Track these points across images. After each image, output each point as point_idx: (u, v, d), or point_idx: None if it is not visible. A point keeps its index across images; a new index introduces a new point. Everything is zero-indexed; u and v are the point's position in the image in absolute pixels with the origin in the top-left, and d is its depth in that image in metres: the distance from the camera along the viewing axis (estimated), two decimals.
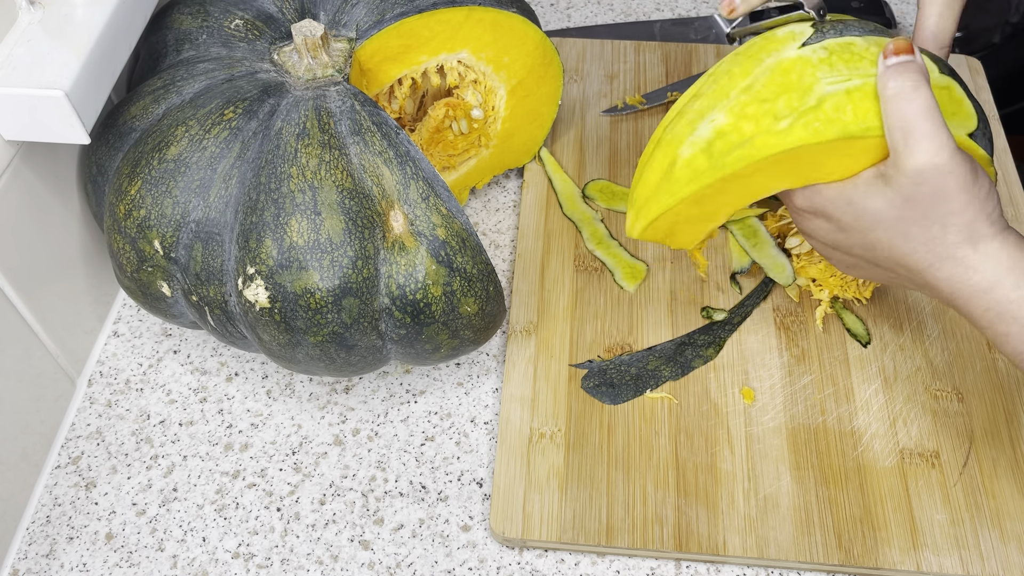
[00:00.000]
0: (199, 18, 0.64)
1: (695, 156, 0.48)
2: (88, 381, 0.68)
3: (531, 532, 0.58)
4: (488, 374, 0.68)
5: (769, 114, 0.47)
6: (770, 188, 0.49)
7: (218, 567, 0.59)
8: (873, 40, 0.49)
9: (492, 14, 0.67)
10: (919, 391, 0.64)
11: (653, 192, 0.51)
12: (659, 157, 0.51)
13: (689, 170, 0.49)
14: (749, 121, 0.47)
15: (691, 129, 0.49)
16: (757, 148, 0.47)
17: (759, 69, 0.49)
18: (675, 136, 0.50)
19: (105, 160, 0.61)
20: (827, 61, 0.48)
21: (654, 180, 0.51)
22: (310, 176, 0.55)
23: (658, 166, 0.51)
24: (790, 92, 0.47)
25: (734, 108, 0.48)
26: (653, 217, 0.51)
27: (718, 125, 0.48)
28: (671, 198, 0.50)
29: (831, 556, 0.57)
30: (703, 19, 0.92)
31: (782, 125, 0.46)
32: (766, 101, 0.47)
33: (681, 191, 0.49)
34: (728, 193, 0.49)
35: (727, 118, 0.48)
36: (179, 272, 0.58)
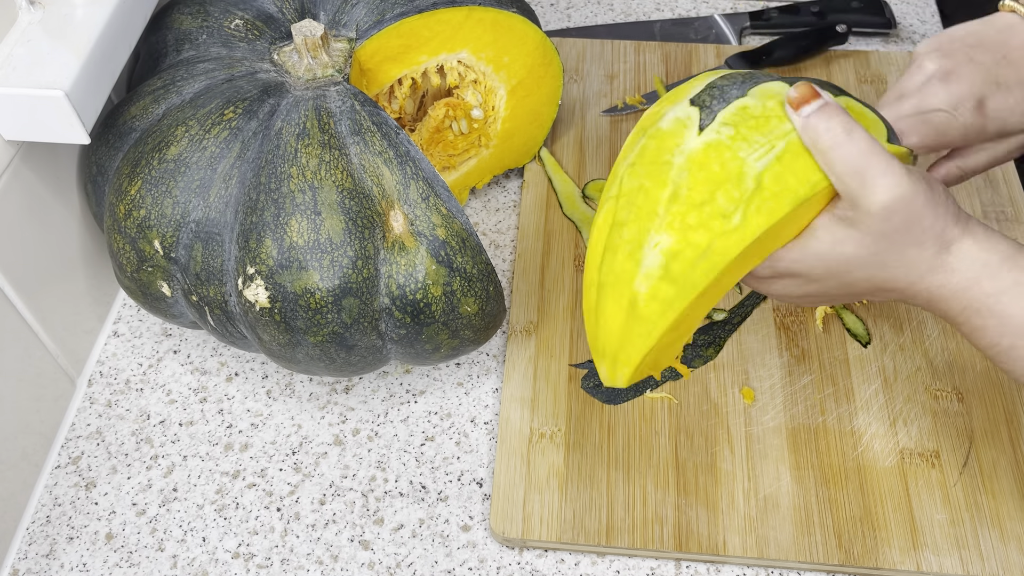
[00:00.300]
0: (199, 18, 0.64)
1: (656, 287, 0.45)
2: (88, 381, 0.68)
3: (531, 532, 0.58)
4: (488, 374, 0.68)
5: (716, 215, 0.44)
6: (735, 279, 0.47)
7: (218, 567, 0.59)
8: (759, 93, 0.46)
9: (492, 14, 0.67)
10: (919, 391, 0.64)
11: (622, 338, 0.47)
12: (610, 301, 0.46)
13: (657, 303, 0.45)
14: (697, 231, 0.44)
15: (635, 262, 0.45)
16: (720, 254, 0.44)
17: (673, 173, 0.45)
18: (619, 274, 0.45)
19: (105, 160, 0.61)
20: (738, 137, 0.45)
21: (616, 326, 0.46)
22: (310, 176, 0.55)
23: (614, 310, 0.46)
24: (724, 185, 0.44)
25: (673, 223, 0.44)
26: (637, 363, 0.47)
27: (665, 247, 0.44)
28: (649, 337, 0.45)
29: (831, 556, 0.57)
30: (703, 19, 0.92)
31: (735, 221, 0.43)
32: (704, 204, 0.44)
33: (657, 327, 0.45)
34: (701, 306, 0.46)
35: (671, 237, 0.44)
36: (179, 272, 0.58)
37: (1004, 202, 0.75)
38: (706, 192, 0.44)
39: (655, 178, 0.45)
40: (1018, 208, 0.75)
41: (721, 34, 0.91)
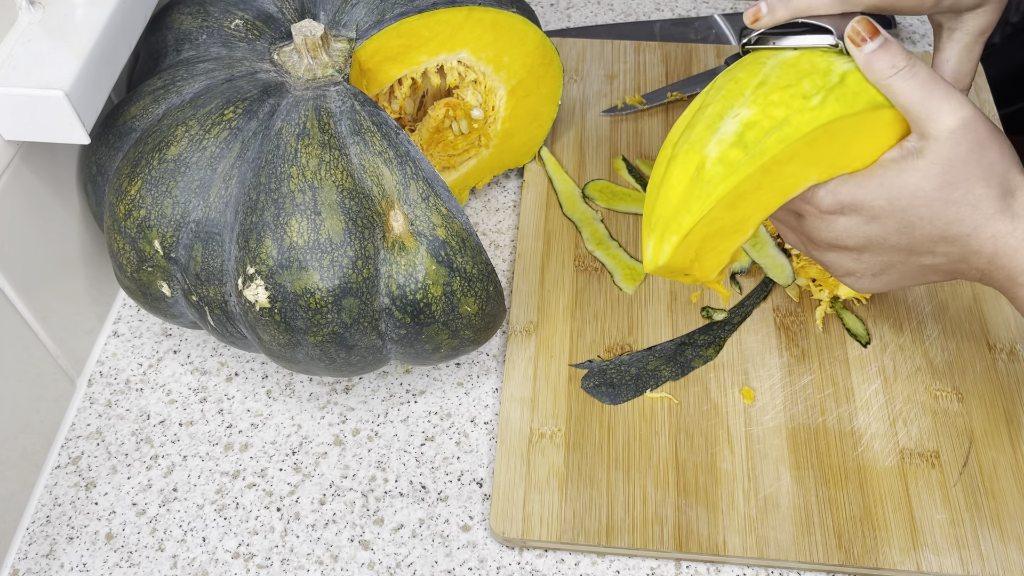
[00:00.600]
0: (199, 18, 0.64)
1: (726, 152, 0.46)
2: (88, 381, 0.68)
3: (531, 532, 0.58)
4: (488, 374, 0.68)
5: (797, 95, 0.46)
6: (802, 180, 0.48)
7: (218, 567, 0.59)
8: None
9: (492, 14, 0.67)
10: (919, 391, 0.64)
11: (680, 204, 0.47)
12: (679, 167, 0.47)
13: (723, 166, 0.46)
14: (778, 107, 0.46)
15: (712, 131, 0.47)
16: (795, 127, 0.46)
17: (766, 68, 0.48)
18: (694, 142, 0.47)
19: (105, 160, 0.61)
20: (828, 51, 0.48)
21: (678, 193, 0.47)
22: (310, 176, 0.55)
23: (680, 177, 0.47)
24: (811, 75, 0.47)
25: (757, 99, 0.47)
26: (687, 230, 0.47)
27: (745, 118, 0.46)
28: (706, 200, 0.46)
29: (831, 556, 0.57)
30: (703, 19, 0.92)
31: (814, 102, 0.46)
32: (789, 86, 0.46)
33: (717, 190, 0.46)
34: (763, 190, 0.47)
35: (752, 109, 0.46)
36: (179, 272, 0.58)
37: None
38: (794, 79, 0.46)
39: (748, 71, 0.48)
40: None
41: (721, 34, 0.91)
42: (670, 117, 0.82)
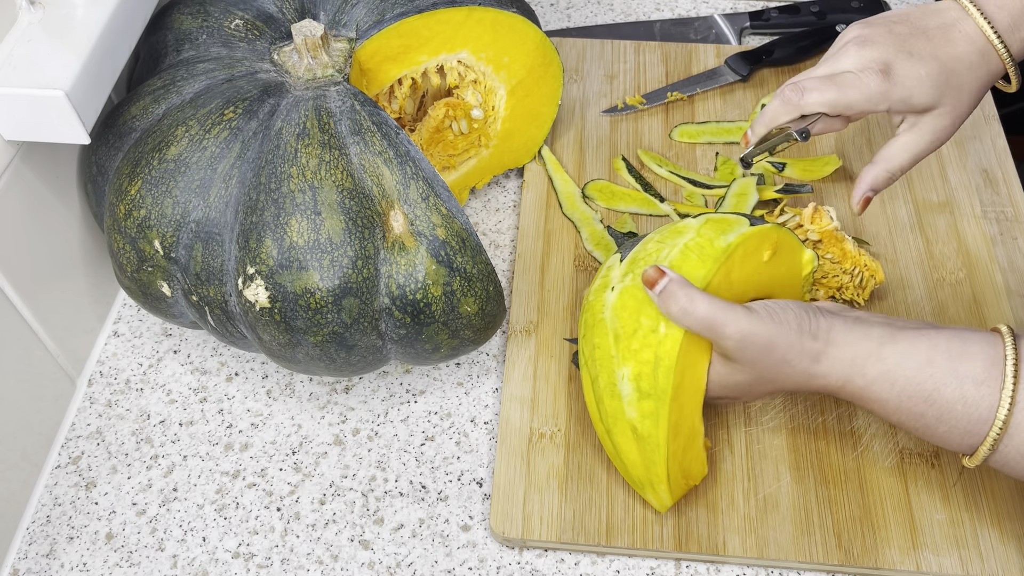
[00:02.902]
0: (199, 18, 0.64)
1: (640, 407, 0.54)
2: (88, 381, 0.68)
3: (531, 532, 0.58)
4: (488, 374, 0.68)
5: (648, 332, 0.54)
6: (696, 380, 0.55)
7: (218, 567, 0.59)
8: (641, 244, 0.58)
9: (492, 14, 0.67)
10: None
11: (643, 463, 0.56)
12: (620, 438, 0.56)
13: (648, 419, 0.54)
14: (642, 351, 0.54)
15: (617, 398, 0.54)
16: (667, 358, 0.53)
17: (608, 323, 0.55)
18: (614, 414, 0.55)
19: (105, 160, 0.61)
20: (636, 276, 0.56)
21: (635, 456, 0.56)
22: (310, 176, 0.55)
23: (627, 445, 0.56)
24: (641, 311, 0.54)
25: (625, 356, 0.54)
26: (665, 477, 0.55)
27: (629, 375, 0.54)
28: (659, 450, 0.54)
29: (831, 556, 0.57)
30: (703, 19, 0.92)
31: (662, 331, 0.53)
32: (636, 331, 0.54)
33: (659, 439, 0.54)
34: (685, 408, 0.55)
35: (628, 366, 0.54)
36: (179, 272, 0.58)
37: (1004, 202, 0.75)
38: (634, 322, 0.54)
39: (600, 334, 0.56)
40: (1018, 208, 0.75)
41: (721, 34, 0.91)
42: (670, 117, 0.82)
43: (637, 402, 0.54)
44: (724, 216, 0.58)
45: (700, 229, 0.57)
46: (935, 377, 0.51)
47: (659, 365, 0.53)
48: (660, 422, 0.53)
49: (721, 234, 0.56)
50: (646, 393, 0.53)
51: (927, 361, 0.51)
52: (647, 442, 0.54)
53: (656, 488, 0.56)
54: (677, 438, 0.55)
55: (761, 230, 0.57)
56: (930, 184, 0.77)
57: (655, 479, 0.56)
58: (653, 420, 0.54)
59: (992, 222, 0.74)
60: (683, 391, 0.54)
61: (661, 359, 0.53)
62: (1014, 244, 0.72)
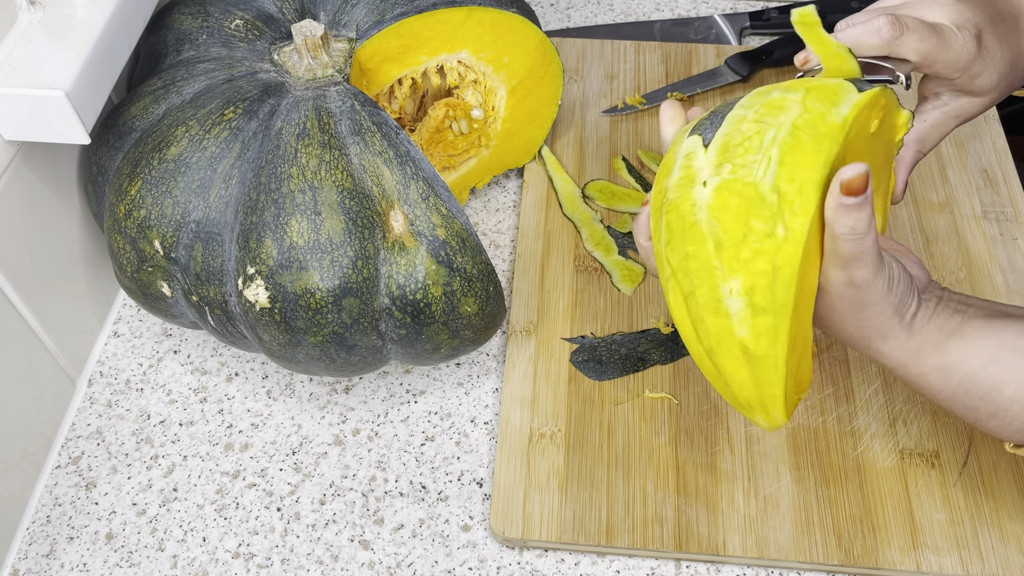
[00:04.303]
0: (199, 18, 0.64)
1: (754, 324, 0.46)
2: (88, 381, 0.68)
3: (531, 532, 0.58)
4: (488, 374, 0.68)
5: (762, 238, 0.46)
6: (814, 283, 0.48)
7: (218, 567, 0.59)
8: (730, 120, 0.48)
9: (492, 14, 0.67)
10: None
11: (756, 384, 0.48)
12: (726, 360, 0.48)
13: (764, 336, 0.46)
14: (755, 261, 0.46)
15: (723, 315, 0.47)
16: (786, 267, 0.45)
17: (705, 228, 0.47)
18: (718, 333, 0.47)
19: (105, 160, 0.61)
20: (736, 168, 0.47)
21: (745, 377, 0.48)
22: (310, 176, 0.55)
23: (734, 366, 0.48)
24: (751, 211, 0.46)
25: (732, 266, 0.46)
26: (781, 397, 0.48)
27: (739, 289, 0.46)
28: (777, 370, 0.47)
29: (831, 556, 0.57)
30: (703, 19, 0.92)
31: (780, 233, 0.45)
32: (746, 236, 0.46)
33: (778, 356, 0.46)
34: (803, 319, 0.47)
35: (737, 278, 0.46)
36: (179, 272, 0.58)
37: (1004, 202, 0.75)
38: (741, 225, 0.45)
39: (693, 241, 0.47)
40: (1018, 208, 0.75)
41: (721, 34, 0.91)
42: None
43: (750, 319, 0.46)
44: (825, 83, 0.49)
45: (805, 102, 0.47)
46: (997, 376, 0.48)
47: (778, 275, 0.45)
48: (779, 339, 0.46)
49: (832, 106, 0.47)
50: (761, 308, 0.46)
51: (992, 359, 0.49)
52: (762, 362, 0.47)
53: (769, 408, 0.49)
54: (794, 352, 0.48)
55: (871, 95, 0.48)
56: (930, 184, 0.77)
57: (768, 400, 0.49)
58: (771, 338, 0.46)
59: (992, 222, 0.74)
60: (802, 301, 0.47)
61: (780, 268, 0.45)
62: (1014, 244, 0.72)
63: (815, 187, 0.46)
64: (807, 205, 0.45)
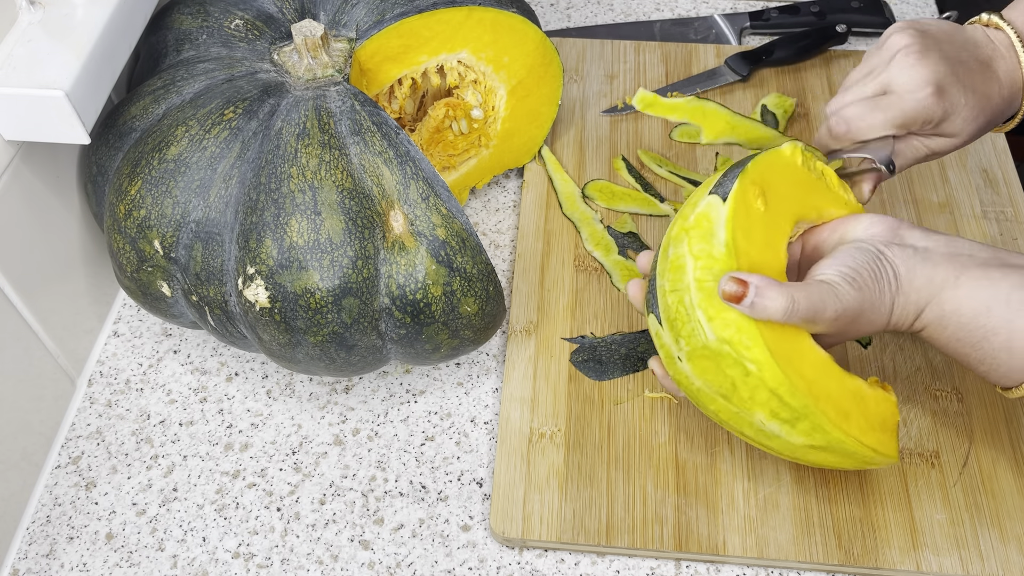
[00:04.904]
0: (199, 18, 0.64)
1: (801, 430, 0.51)
2: (88, 381, 0.68)
3: (531, 532, 0.58)
4: (488, 374, 0.68)
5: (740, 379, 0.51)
6: (817, 356, 0.53)
7: (218, 567, 0.59)
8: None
9: (492, 14, 0.67)
10: (919, 391, 0.64)
11: (847, 456, 0.53)
12: (817, 458, 0.54)
13: (817, 433, 0.51)
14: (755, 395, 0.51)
15: (776, 438, 0.52)
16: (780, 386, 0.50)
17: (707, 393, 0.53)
18: (793, 450, 0.53)
19: (105, 160, 0.61)
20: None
21: (837, 459, 0.54)
22: (310, 176, 0.55)
23: (825, 458, 0.53)
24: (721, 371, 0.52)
25: (748, 408, 0.52)
26: (869, 453, 0.53)
27: (766, 418, 0.51)
28: (849, 442, 0.52)
29: (831, 556, 0.57)
30: (703, 19, 0.92)
31: (751, 368, 0.50)
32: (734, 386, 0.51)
33: (838, 435, 0.51)
34: (829, 391, 0.52)
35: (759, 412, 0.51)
36: (179, 272, 0.58)
37: (1004, 202, 0.75)
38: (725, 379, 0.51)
39: (710, 403, 0.53)
40: (1018, 208, 0.75)
41: (721, 34, 0.91)
42: None
43: (793, 430, 0.51)
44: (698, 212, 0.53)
45: (692, 250, 0.52)
46: (987, 326, 0.50)
47: (780, 393, 0.50)
48: (825, 427, 0.51)
49: (711, 238, 0.52)
50: (793, 419, 0.51)
51: (984, 310, 0.51)
52: (832, 447, 0.52)
53: (875, 461, 0.54)
54: (850, 418, 0.52)
55: (735, 195, 0.52)
56: (930, 184, 0.77)
57: (866, 459, 0.53)
58: (820, 431, 0.51)
59: (992, 222, 0.74)
60: (815, 383, 0.51)
61: (777, 388, 0.50)
62: (1014, 244, 0.72)
63: (747, 319, 0.51)
64: (753, 336, 0.50)
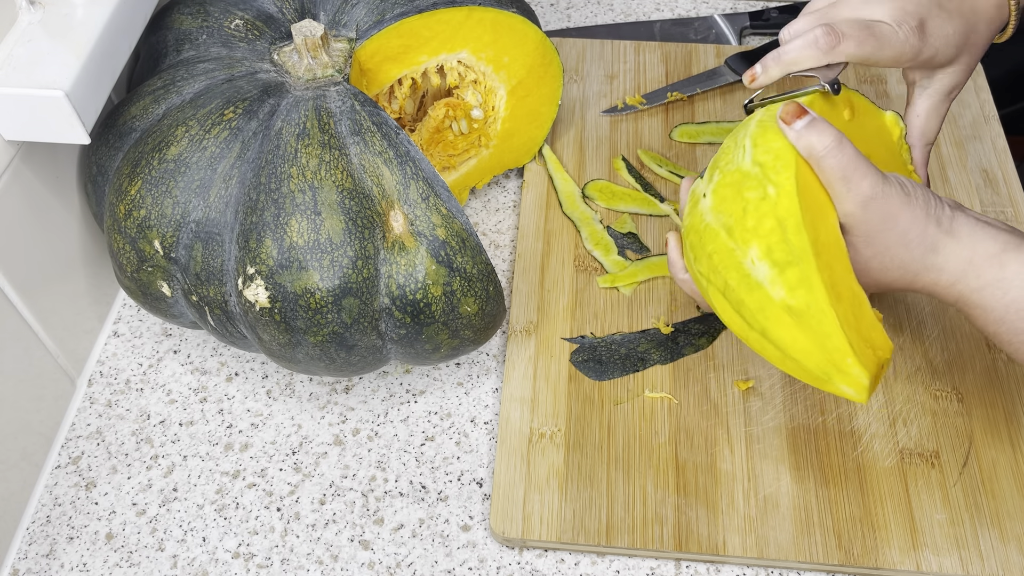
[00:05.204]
0: (199, 18, 0.64)
1: (787, 279, 0.48)
2: (88, 381, 0.68)
3: (531, 532, 0.58)
4: (488, 374, 0.68)
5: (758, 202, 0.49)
6: (836, 235, 0.50)
7: (218, 567, 0.59)
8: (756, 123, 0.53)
9: (492, 14, 0.68)
10: (919, 391, 0.64)
11: (819, 346, 0.49)
12: (782, 331, 0.49)
13: (800, 290, 0.48)
14: (761, 224, 0.48)
15: (757, 286, 0.49)
16: (790, 218, 0.48)
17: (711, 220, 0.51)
18: (760, 306, 0.49)
19: (105, 160, 0.61)
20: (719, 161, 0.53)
21: (806, 343, 0.49)
22: (310, 176, 0.55)
23: (791, 334, 0.49)
24: (741, 186, 0.50)
25: (745, 239, 0.49)
26: (847, 346, 0.48)
27: (758, 255, 0.48)
28: (827, 320, 0.48)
29: (831, 556, 0.57)
30: (703, 19, 0.92)
31: (771, 192, 0.49)
32: (746, 206, 0.49)
33: (822, 306, 0.48)
34: (831, 266, 0.49)
35: (753, 245, 0.49)
36: (179, 272, 0.58)
37: (1004, 202, 0.75)
38: (739, 204, 0.49)
39: (711, 241, 0.51)
40: (1018, 208, 0.75)
41: (721, 34, 0.91)
42: (670, 117, 0.82)
43: (779, 277, 0.48)
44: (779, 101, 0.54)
45: (767, 110, 0.52)
46: None
47: (786, 227, 0.47)
48: (814, 283, 0.47)
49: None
50: (784, 262, 0.47)
51: None
52: (809, 315, 0.48)
53: (844, 369, 0.49)
54: (841, 301, 0.48)
55: (824, 94, 0.53)
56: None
57: (837, 356, 0.49)
58: (805, 287, 0.47)
59: None
60: (824, 248, 0.48)
61: (785, 219, 0.47)
62: None
63: (790, 150, 0.49)
64: (787, 163, 0.49)
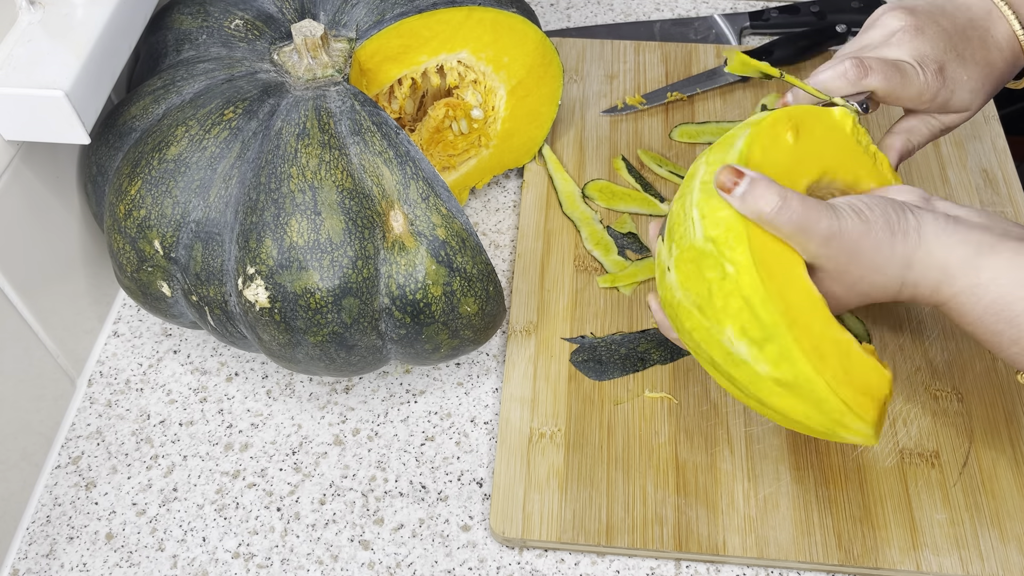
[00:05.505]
0: (199, 18, 0.64)
1: (767, 355, 0.48)
2: (88, 381, 0.68)
3: (531, 532, 0.58)
4: (488, 374, 0.68)
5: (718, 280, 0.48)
6: (806, 290, 0.50)
7: (218, 567, 0.59)
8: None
9: (492, 14, 0.68)
10: (919, 391, 0.64)
11: (815, 407, 0.49)
12: (777, 401, 0.50)
13: (785, 363, 0.48)
14: (727, 302, 0.48)
15: (744, 364, 0.49)
16: (753, 293, 0.47)
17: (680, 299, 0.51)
18: (753, 381, 0.49)
19: (105, 160, 0.61)
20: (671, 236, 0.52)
21: (802, 406, 0.49)
22: (310, 176, 0.55)
23: (788, 402, 0.49)
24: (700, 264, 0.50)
25: (719, 318, 0.49)
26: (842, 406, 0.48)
27: (734, 334, 0.48)
28: (815, 382, 0.48)
29: (831, 556, 0.57)
30: (703, 19, 0.92)
31: (730, 270, 0.48)
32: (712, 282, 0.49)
33: (805, 370, 0.48)
34: (809, 327, 0.49)
35: (724, 325, 0.49)
36: (179, 272, 0.58)
37: (1004, 202, 0.75)
38: (702, 284, 0.49)
39: (686, 318, 0.51)
40: (1018, 208, 0.75)
41: (721, 34, 0.91)
42: (670, 117, 0.82)
43: (760, 353, 0.48)
44: (725, 136, 0.53)
45: (708, 160, 0.52)
46: None
47: (752, 303, 0.47)
48: (795, 356, 0.47)
49: (729, 149, 0.51)
50: (762, 338, 0.47)
51: None
52: (798, 385, 0.48)
53: (846, 424, 0.49)
54: (825, 361, 0.48)
55: (764, 120, 0.52)
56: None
57: (836, 415, 0.49)
58: (787, 360, 0.47)
59: None
60: (797, 310, 0.48)
61: (751, 296, 0.47)
62: None
63: (738, 218, 0.49)
64: (739, 235, 0.48)
